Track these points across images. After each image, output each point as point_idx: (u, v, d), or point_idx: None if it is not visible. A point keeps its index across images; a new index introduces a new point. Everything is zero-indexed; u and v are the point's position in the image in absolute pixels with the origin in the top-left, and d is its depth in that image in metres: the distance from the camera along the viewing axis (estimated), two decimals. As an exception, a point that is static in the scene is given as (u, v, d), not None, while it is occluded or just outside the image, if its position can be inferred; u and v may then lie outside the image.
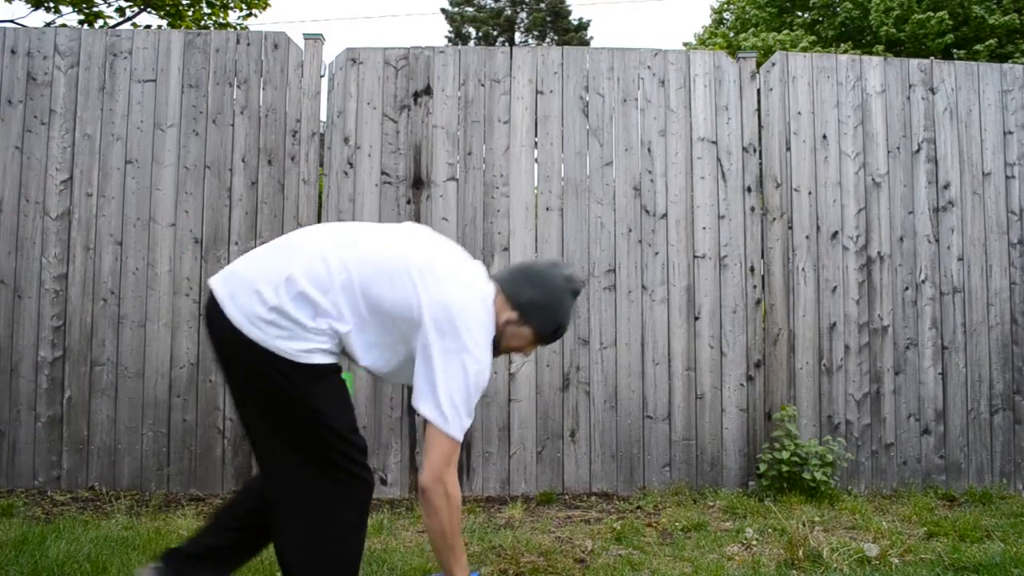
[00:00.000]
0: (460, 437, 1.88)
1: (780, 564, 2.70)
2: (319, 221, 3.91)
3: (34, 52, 3.86)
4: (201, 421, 3.76)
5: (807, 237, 3.95)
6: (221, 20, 9.06)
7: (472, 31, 23.54)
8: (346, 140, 3.91)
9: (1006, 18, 13.14)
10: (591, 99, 3.98)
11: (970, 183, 4.06)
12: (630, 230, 3.91)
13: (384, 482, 3.78)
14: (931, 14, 13.41)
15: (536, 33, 23.45)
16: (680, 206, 3.94)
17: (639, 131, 3.98)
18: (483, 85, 3.96)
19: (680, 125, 3.98)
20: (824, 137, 4.00)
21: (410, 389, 3.90)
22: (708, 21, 22.38)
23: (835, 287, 3.95)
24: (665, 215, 3.93)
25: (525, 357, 2.10)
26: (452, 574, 1.92)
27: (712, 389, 3.88)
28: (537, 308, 2.01)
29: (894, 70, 4.08)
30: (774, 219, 3.96)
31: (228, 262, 3.82)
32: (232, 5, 9.01)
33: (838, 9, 14.90)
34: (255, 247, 3.77)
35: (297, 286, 1.83)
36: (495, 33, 23.28)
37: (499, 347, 2.03)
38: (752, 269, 3.94)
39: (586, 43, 22.10)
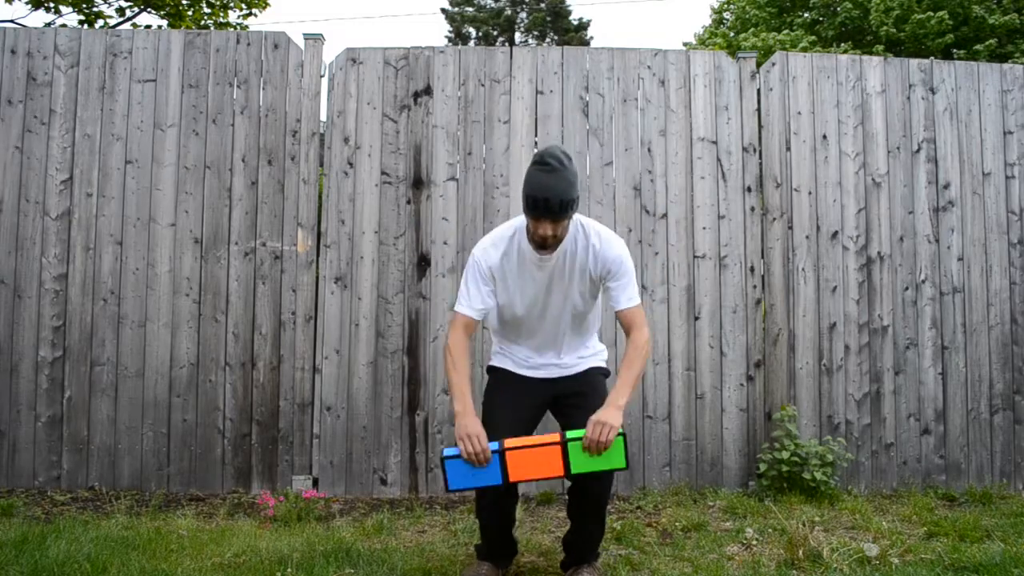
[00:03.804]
0: (459, 310, 2.48)
1: (780, 564, 2.70)
2: (319, 221, 3.91)
3: (34, 52, 3.86)
4: (201, 421, 3.76)
5: (807, 237, 3.95)
6: (221, 20, 9.06)
7: (472, 31, 23.52)
8: (346, 140, 3.91)
9: (1006, 18, 13.12)
10: (591, 99, 3.98)
11: (970, 183, 4.06)
12: (630, 230, 3.91)
13: (384, 482, 3.78)
14: (931, 14, 13.40)
15: (536, 33, 23.42)
16: (680, 206, 3.94)
17: (639, 131, 3.98)
18: (483, 85, 3.96)
19: (680, 125, 3.98)
20: (824, 137, 4.00)
21: (409, 390, 3.90)
22: (708, 21, 22.35)
23: (835, 287, 3.95)
24: (665, 215, 3.93)
25: (549, 239, 2.36)
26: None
27: (712, 389, 3.88)
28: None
29: (894, 70, 4.07)
30: (774, 219, 3.96)
31: (228, 262, 3.82)
32: (232, 5, 9.01)
33: (838, 9, 14.88)
34: (255, 247, 3.80)
35: None
36: (495, 33, 23.26)
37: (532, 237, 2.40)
38: (752, 269, 3.94)
39: (586, 43, 22.09)
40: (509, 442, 2.28)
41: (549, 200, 2.25)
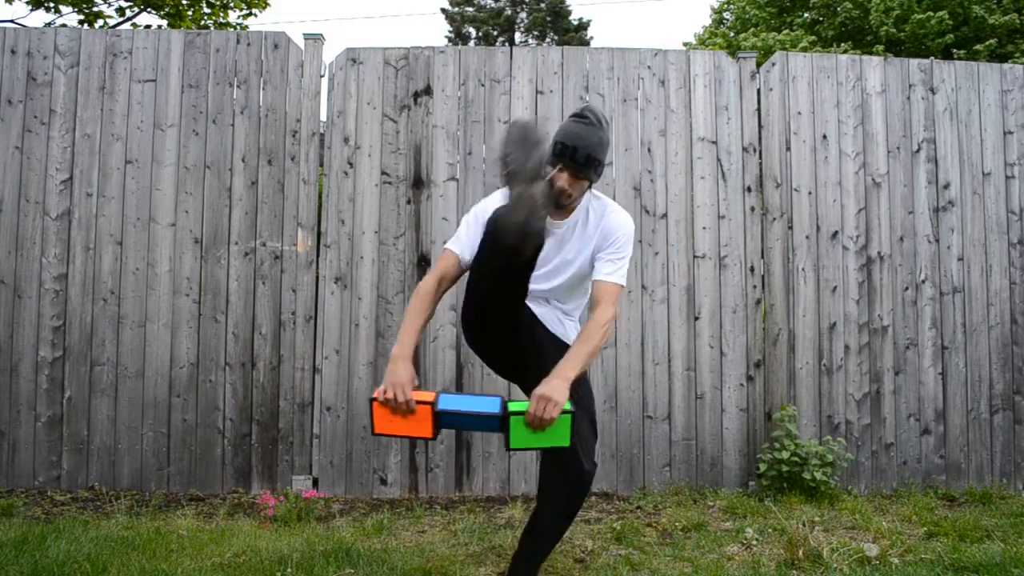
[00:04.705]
0: (450, 246, 2.39)
1: (780, 564, 2.70)
2: (319, 221, 3.91)
3: (34, 52, 3.86)
4: (201, 421, 3.76)
5: (807, 237, 3.95)
6: (221, 20, 9.06)
7: (472, 31, 23.53)
8: (346, 140, 3.91)
9: (1006, 18, 13.13)
10: (591, 99, 3.98)
11: (970, 183, 4.06)
12: (630, 230, 3.91)
13: (384, 482, 3.79)
14: (931, 14, 13.41)
15: (536, 33, 23.43)
16: (680, 206, 3.94)
17: (639, 131, 3.98)
18: (483, 85, 3.96)
19: (680, 125, 3.98)
20: (824, 137, 4.00)
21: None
22: (708, 21, 22.38)
23: (835, 287, 3.95)
24: (665, 215, 3.93)
25: (564, 194, 2.33)
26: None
27: (712, 389, 3.88)
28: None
29: (894, 70, 4.07)
30: (774, 219, 3.96)
31: (228, 262, 3.82)
32: (232, 5, 9.02)
33: (838, 9, 14.89)
34: (255, 247, 3.80)
35: None
36: (495, 33, 23.27)
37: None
38: (752, 269, 3.94)
39: (586, 43, 22.10)
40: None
41: (577, 149, 2.24)
